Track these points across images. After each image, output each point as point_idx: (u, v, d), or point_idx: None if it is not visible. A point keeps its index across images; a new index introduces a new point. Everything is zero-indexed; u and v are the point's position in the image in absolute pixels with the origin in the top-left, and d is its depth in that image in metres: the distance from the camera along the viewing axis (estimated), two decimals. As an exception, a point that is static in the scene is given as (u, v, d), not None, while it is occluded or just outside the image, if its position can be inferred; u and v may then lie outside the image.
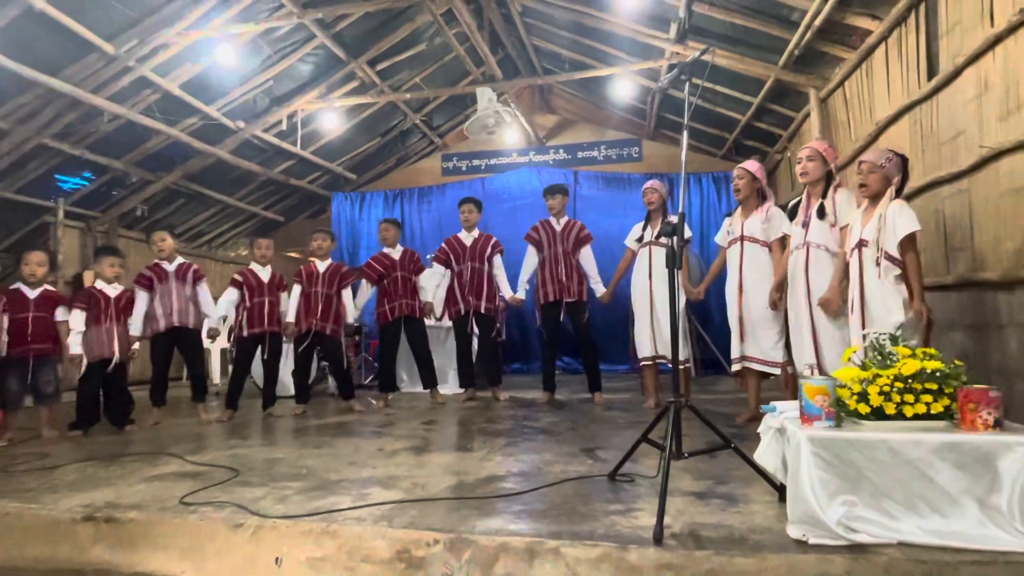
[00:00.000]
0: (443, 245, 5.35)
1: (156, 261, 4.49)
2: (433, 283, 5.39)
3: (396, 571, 1.91)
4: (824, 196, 3.31)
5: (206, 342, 5.03)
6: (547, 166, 8.58)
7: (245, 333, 4.64)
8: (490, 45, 6.87)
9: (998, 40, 2.98)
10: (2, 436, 3.81)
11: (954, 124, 3.45)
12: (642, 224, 4.59)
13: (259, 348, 4.72)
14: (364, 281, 5.21)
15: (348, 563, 1.95)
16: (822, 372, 3.13)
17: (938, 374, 1.90)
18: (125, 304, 4.29)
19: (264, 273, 4.74)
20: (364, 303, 5.29)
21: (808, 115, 5.59)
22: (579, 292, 4.82)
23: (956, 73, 3.37)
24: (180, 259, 4.54)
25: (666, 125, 8.28)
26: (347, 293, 5.02)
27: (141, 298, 4.38)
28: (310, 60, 6.54)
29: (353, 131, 8.15)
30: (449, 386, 5.84)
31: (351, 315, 5.10)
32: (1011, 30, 2.87)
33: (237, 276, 4.74)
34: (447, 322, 5.57)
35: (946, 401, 1.89)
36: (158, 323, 4.36)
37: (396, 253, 5.18)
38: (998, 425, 1.81)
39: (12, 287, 4.03)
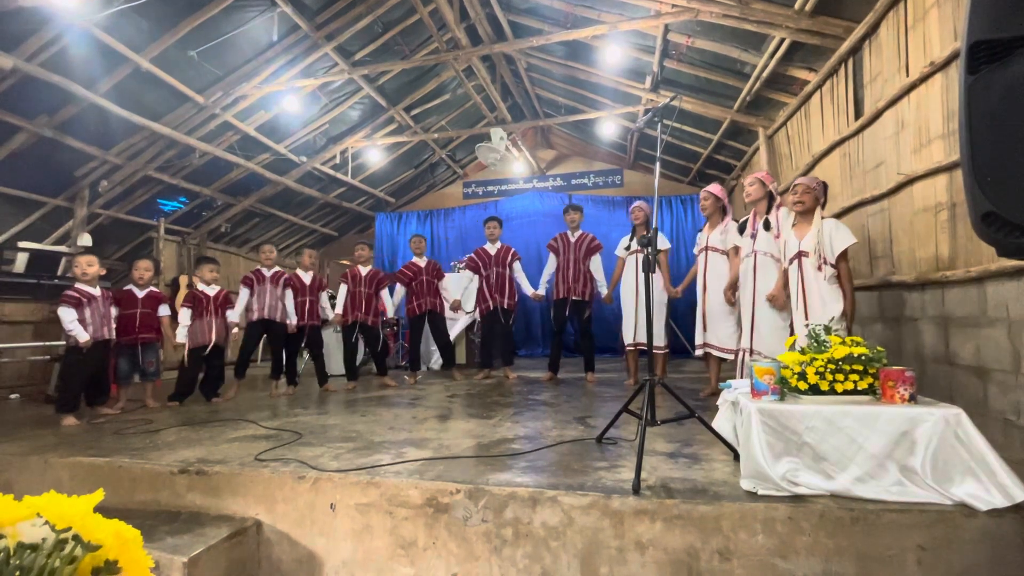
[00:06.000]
0: (472, 255, 5.25)
1: (258, 267, 4.47)
2: (462, 285, 5.40)
3: (426, 515, 1.92)
4: (768, 213, 3.33)
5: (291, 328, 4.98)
6: (547, 191, 8.53)
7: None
8: (501, 94, 6.89)
9: (912, 88, 2.94)
10: (115, 406, 3.84)
11: (876, 156, 3.40)
12: (629, 236, 4.52)
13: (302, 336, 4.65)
14: (398, 283, 5.20)
15: (388, 508, 1.96)
16: (752, 353, 3.21)
17: (863, 357, 1.88)
18: (222, 301, 4.27)
19: (307, 277, 4.66)
20: (399, 301, 5.21)
21: (757, 149, 5.53)
22: (583, 293, 4.71)
23: (878, 114, 3.34)
24: (276, 267, 4.53)
25: (643, 157, 8.23)
26: (384, 293, 4.99)
27: (244, 293, 4.39)
28: (358, 107, 6.55)
29: (392, 164, 8.15)
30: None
31: (390, 311, 5.07)
32: (922, 79, 2.84)
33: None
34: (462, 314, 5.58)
35: (870, 380, 1.87)
36: (253, 315, 4.38)
37: (422, 262, 5.13)
38: (913, 399, 1.79)
39: (124, 288, 4.05)
